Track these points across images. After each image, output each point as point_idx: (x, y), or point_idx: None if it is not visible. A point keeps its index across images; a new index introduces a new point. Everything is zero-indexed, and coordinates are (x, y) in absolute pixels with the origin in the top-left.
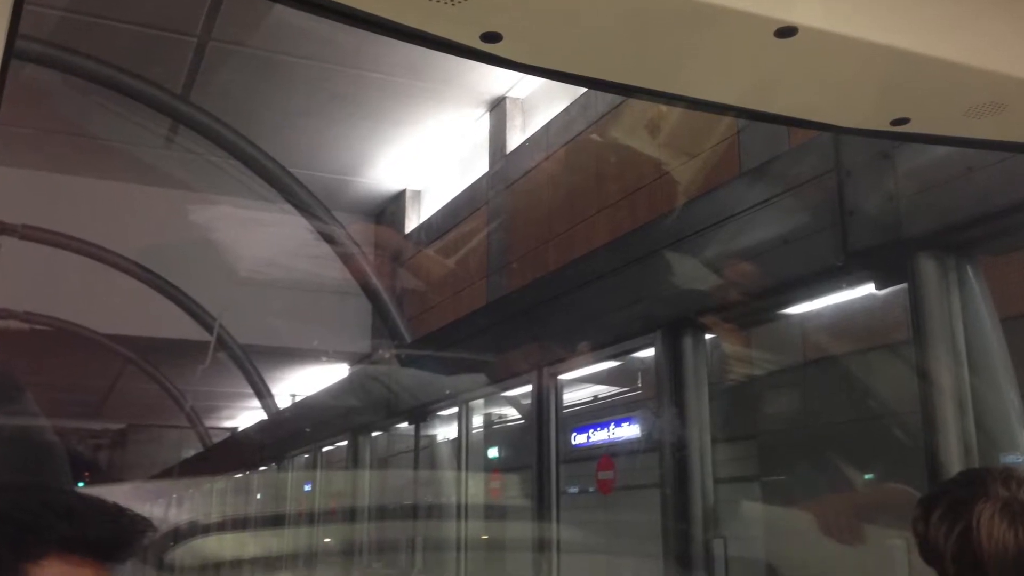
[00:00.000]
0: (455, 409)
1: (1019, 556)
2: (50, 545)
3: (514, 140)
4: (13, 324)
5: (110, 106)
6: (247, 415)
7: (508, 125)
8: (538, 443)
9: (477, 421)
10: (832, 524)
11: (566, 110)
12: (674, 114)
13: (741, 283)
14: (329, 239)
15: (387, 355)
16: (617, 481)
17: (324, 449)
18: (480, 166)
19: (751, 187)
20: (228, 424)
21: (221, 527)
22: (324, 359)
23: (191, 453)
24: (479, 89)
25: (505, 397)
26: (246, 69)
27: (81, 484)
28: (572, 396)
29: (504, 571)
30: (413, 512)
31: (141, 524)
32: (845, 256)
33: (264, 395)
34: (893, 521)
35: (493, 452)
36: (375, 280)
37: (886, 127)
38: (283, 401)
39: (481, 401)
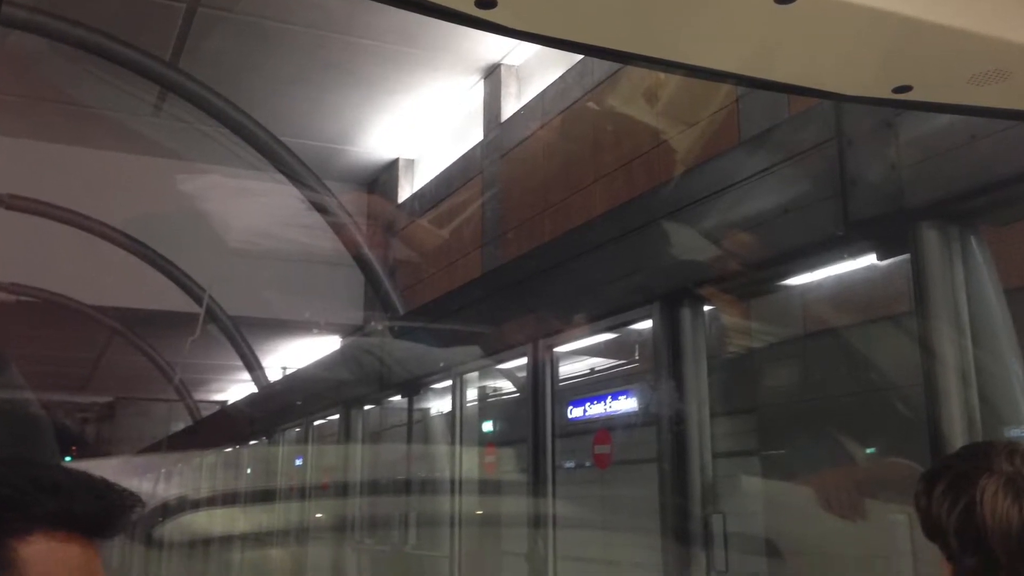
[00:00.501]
0: (449, 382)
1: (1023, 531)
2: (36, 521)
3: (509, 108)
4: None
5: (97, 73)
6: (237, 388)
7: (503, 93)
8: (533, 417)
9: (471, 394)
10: (833, 499)
11: (562, 77)
12: (672, 82)
13: (740, 253)
14: (321, 209)
15: (380, 327)
16: (614, 455)
17: (315, 423)
18: (474, 135)
19: (750, 156)
20: (218, 397)
21: (211, 502)
22: (315, 331)
23: (180, 427)
24: (473, 56)
25: (500, 370)
26: (236, 36)
27: (68, 458)
28: (568, 369)
29: (499, 547)
30: (406, 487)
31: (129, 499)
32: (846, 226)
33: (254, 368)
34: (895, 496)
35: (488, 426)
36: (367, 250)
37: (888, 95)
38: (274, 374)
39: (476, 374)
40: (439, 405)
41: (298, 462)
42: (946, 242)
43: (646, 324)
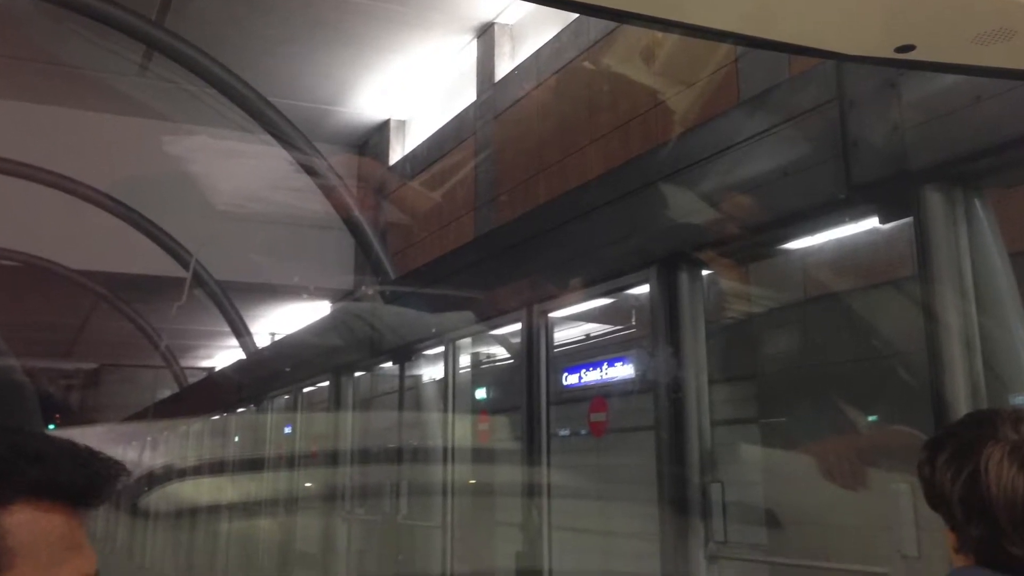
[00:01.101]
0: (441, 348)
1: None
2: (19, 490)
3: (503, 68)
4: None
5: (82, 33)
6: (225, 354)
7: (496, 52)
8: (528, 384)
9: (464, 361)
10: (834, 468)
11: (557, 37)
12: (670, 41)
13: (740, 217)
14: (310, 171)
15: (370, 292)
16: (610, 423)
17: (305, 390)
18: (467, 95)
19: (750, 117)
20: (205, 364)
21: (197, 471)
22: (305, 296)
23: (166, 394)
24: (466, 14)
25: (493, 336)
26: None
27: (52, 426)
28: (563, 335)
29: (492, 517)
30: (398, 456)
31: (114, 468)
32: (848, 189)
33: (242, 334)
34: (897, 465)
35: (481, 393)
36: (358, 214)
37: (891, 54)
38: (262, 340)
39: (469, 340)
40: (431, 372)
41: (287, 430)
42: (950, 205)
43: (643, 289)
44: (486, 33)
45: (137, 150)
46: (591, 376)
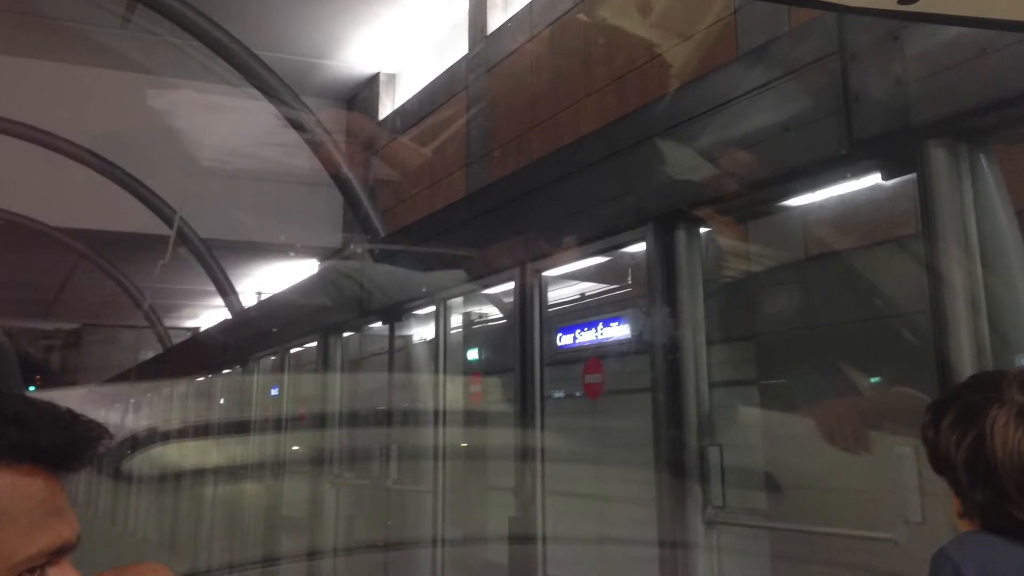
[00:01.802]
0: (432, 308)
1: None
2: None
3: (495, 20)
4: None
5: None
6: (209, 314)
7: (488, 4)
8: (521, 344)
9: (456, 321)
10: (836, 431)
11: None
12: None
13: (738, 173)
14: (298, 126)
15: (359, 250)
16: (606, 385)
17: (292, 351)
18: (459, 48)
19: (749, 70)
20: (189, 324)
21: (182, 434)
22: (292, 254)
23: (149, 355)
24: None
25: (486, 295)
26: None
27: (32, 388)
28: (557, 294)
29: (485, 481)
30: (387, 418)
31: (96, 431)
32: (850, 144)
33: (228, 293)
34: (901, 428)
35: (473, 354)
36: (347, 170)
37: (894, 6)
38: (248, 300)
39: (460, 299)
40: (422, 332)
41: (274, 392)
42: (954, 161)
43: (639, 247)
44: None
45: (119, 105)
46: (586, 337)
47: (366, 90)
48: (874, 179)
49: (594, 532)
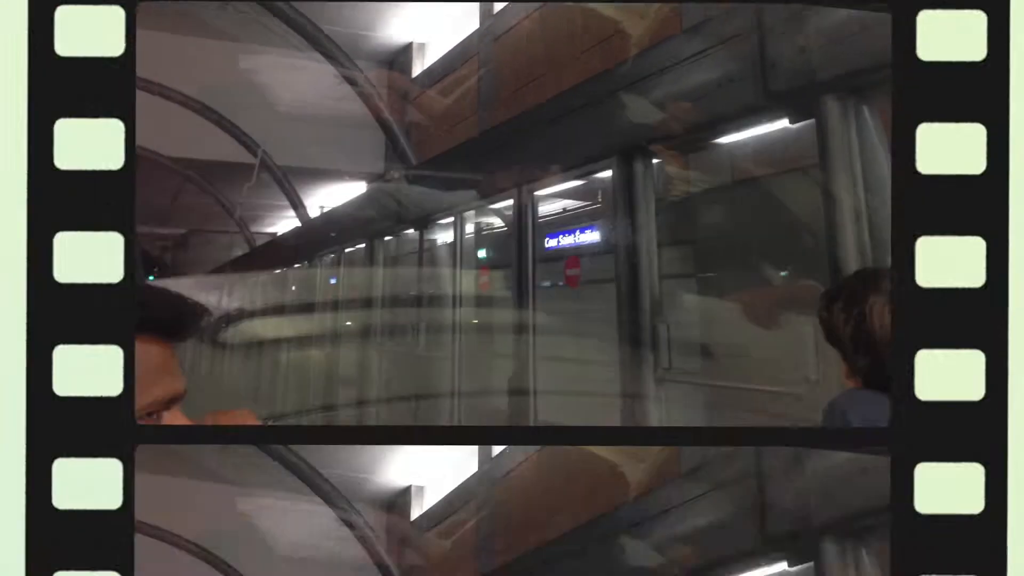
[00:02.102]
0: (451, 219)
1: None
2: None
3: (500, 3)
4: None
5: None
6: (285, 223)
7: None
8: (518, 246)
9: (469, 228)
10: (755, 312)
11: None
12: None
13: (682, 118)
14: (351, 82)
15: (397, 175)
16: (582, 277)
17: (346, 251)
18: (472, 24)
19: (690, 42)
20: (270, 230)
21: (263, 313)
22: (346, 178)
23: (239, 253)
24: None
25: (492, 209)
26: None
27: (151, 278)
28: (546, 208)
29: (492, 349)
30: (418, 301)
31: (199, 310)
32: (765, 97)
33: (298, 206)
34: (803, 310)
35: (482, 253)
36: (387, 115)
37: None
38: (314, 212)
39: (472, 212)
40: (444, 237)
41: (332, 281)
42: (844, 110)
43: (607, 173)
44: None
45: (218, 66)
46: (567, 240)
47: (403, 55)
48: (783, 123)
49: (573, 387)
